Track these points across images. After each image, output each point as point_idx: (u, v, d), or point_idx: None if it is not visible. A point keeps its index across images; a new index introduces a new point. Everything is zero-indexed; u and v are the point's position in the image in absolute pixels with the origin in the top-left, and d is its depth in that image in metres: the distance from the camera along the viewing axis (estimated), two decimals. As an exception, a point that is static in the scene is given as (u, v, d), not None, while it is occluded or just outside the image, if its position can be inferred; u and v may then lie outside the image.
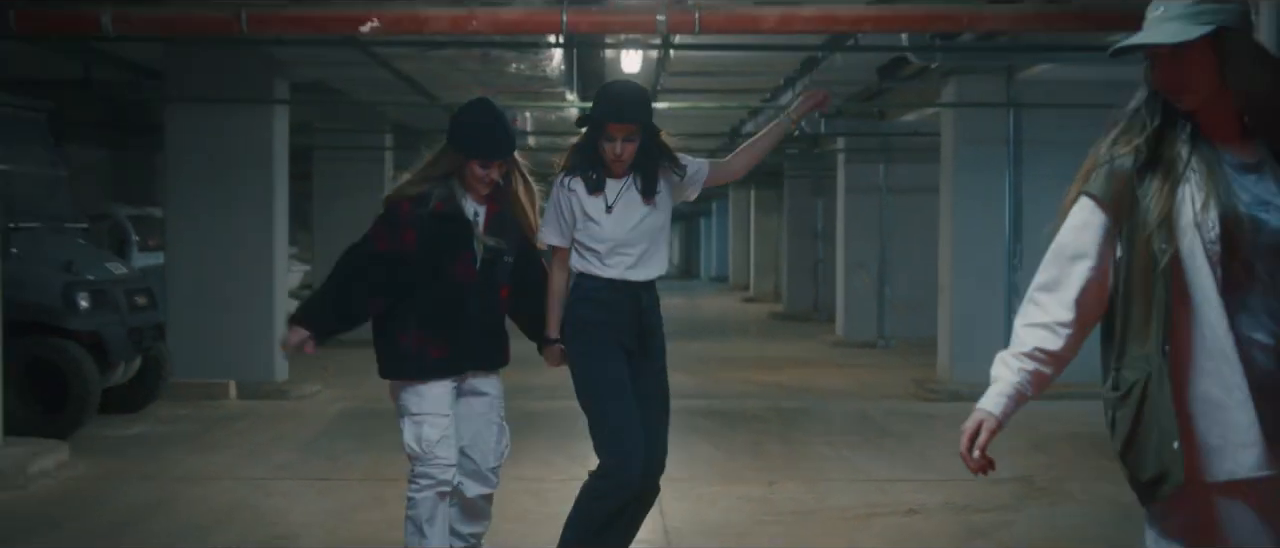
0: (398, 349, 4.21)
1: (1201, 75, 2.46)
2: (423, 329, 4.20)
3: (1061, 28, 7.91)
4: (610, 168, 4.29)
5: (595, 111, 4.30)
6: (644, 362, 4.32)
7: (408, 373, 4.21)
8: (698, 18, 7.50)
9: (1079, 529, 5.96)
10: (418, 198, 4.19)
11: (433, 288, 4.20)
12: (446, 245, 4.22)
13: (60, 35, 8.01)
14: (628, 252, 4.29)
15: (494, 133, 4.22)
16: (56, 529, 5.89)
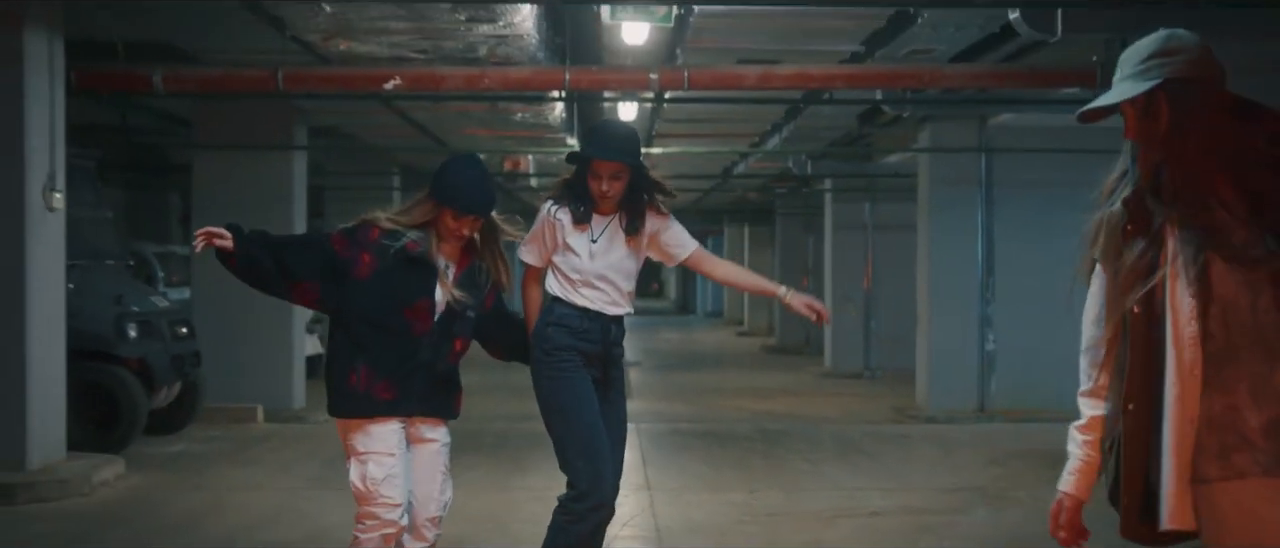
0: (346, 387, 4.16)
1: (1156, 128, 2.54)
2: (372, 369, 4.14)
3: (1014, 84, 8.93)
4: (598, 204, 4.42)
5: (584, 150, 4.44)
6: (606, 390, 4.48)
7: (355, 411, 4.16)
8: (687, 76, 8.53)
9: (1017, 527, 6.89)
10: (390, 231, 4.16)
11: (385, 329, 4.15)
12: (407, 288, 4.16)
13: (115, 92, 8.97)
14: (603, 286, 4.42)
15: (475, 188, 4.21)
16: (126, 527, 6.82)
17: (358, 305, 4.13)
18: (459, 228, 4.19)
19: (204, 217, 12.09)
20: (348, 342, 4.16)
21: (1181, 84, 2.53)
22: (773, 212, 22.88)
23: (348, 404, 4.16)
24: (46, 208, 7.69)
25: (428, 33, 7.72)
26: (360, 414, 4.13)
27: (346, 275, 4.11)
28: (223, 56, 9.28)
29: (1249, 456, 2.46)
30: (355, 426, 4.14)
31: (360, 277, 4.11)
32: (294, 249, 4.18)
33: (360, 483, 4.12)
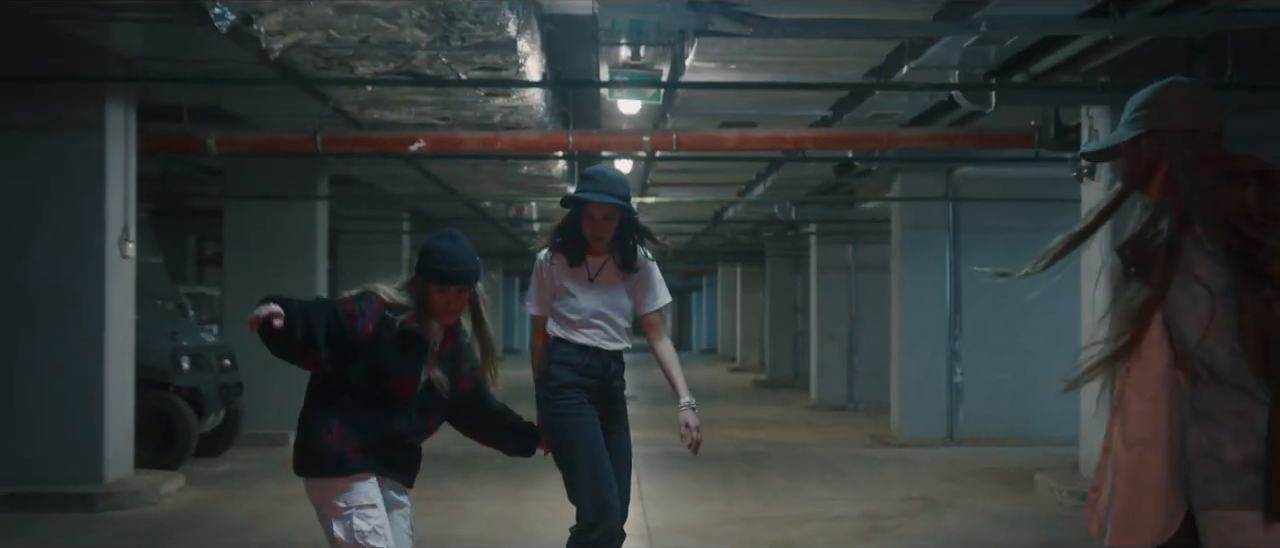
0: (320, 447, 4.12)
1: (1145, 173, 2.72)
2: (346, 431, 4.13)
3: (963, 145, 10.30)
4: (591, 245, 4.73)
5: (579, 194, 4.73)
6: (611, 423, 4.78)
7: (333, 470, 4.12)
8: (675, 138, 9.89)
9: (955, 528, 8.19)
10: (393, 305, 4.17)
11: (370, 399, 4.15)
12: (398, 362, 4.17)
13: (173, 153, 10.31)
14: (599, 323, 4.74)
15: (453, 260, 4.24)
16: (196, 530, 8.10)
17: (350, 373, 4.12)
18: (444, 301, 4.21)
19: (236, 260, 13.46)
20: (326, 404, 4.14)
21: (1169, 133, 2.68)
22: (763, 253, 24.23)
23: (324, 464, 4.11)
24: (121, 256, 9.01)
25: (449, 104, 9.05)
26: (338, 473, 4.10)
27: (347, 343, 4.09)
28: (265, 120, 10.63)
29: (1224, 487, 2.62)
30: (333, 484, 4.11)
31: (358, 346, 4.10)
32: (314, 317, 4.09)
33: (346, 538, 4.10)
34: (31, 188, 8.69)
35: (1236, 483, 2.61)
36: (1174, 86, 2.75)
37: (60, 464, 8.65)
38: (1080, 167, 9.24)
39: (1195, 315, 2.65)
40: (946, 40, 7.69)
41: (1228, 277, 2.64)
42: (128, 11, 7.49)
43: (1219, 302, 2.64)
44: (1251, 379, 2.60)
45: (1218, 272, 2.65)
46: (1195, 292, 2.66)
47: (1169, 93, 2.75)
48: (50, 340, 8.70)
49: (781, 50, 8.04)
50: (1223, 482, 2.63)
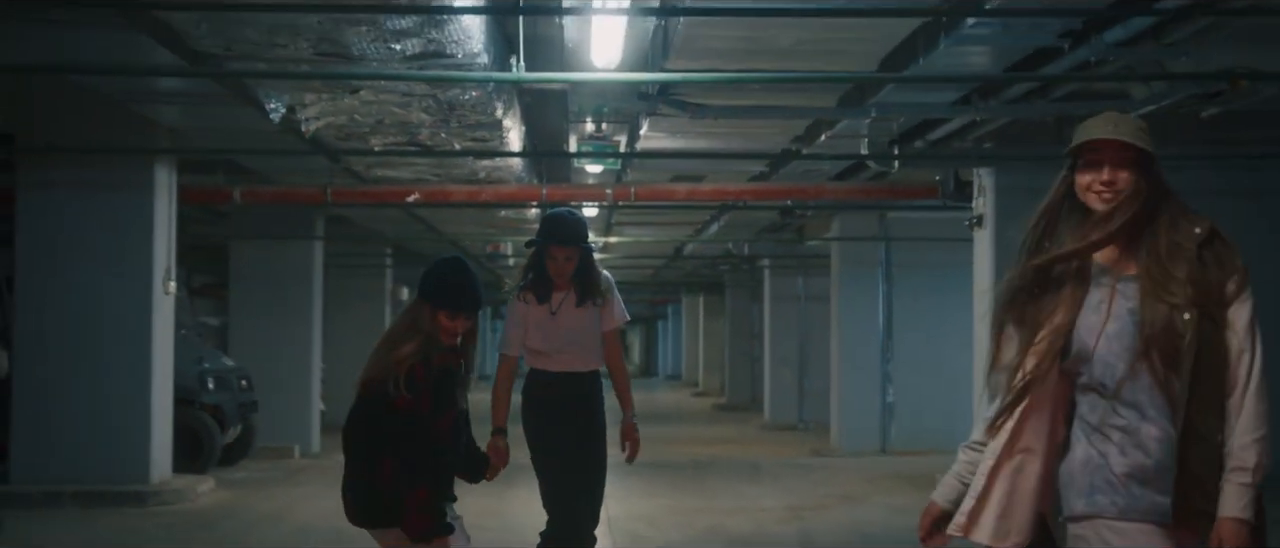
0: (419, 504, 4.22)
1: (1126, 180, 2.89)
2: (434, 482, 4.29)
3: (877, 196, 12.31)
4: (554, 282, 5.39)
5: (541, 236, 5.41)
6: (587, 439, 5.41)
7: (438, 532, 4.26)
8: (633, 191, 11.85)
9: (864, 516, 10.14)
10: (425, 359, 4.27)
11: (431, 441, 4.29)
12: (445, 401, 4.33)
13: (202, 204, 12.18)
14: (570, 349, 5.42)
15: (470, 290, 4.40)
16: (232, 521, 9.94)
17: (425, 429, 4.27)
18: (454, 328, 4.35)
19: (241, 294, 15.31)
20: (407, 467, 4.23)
21: (1151, 158, 2.91)
22: (723, 284, 26.24)
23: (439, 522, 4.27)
24: (164, 293, 10.88)
25: (442, 165, 10.96)
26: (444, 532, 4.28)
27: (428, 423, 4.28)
28: (278, 174, 12.52)
29: (1109, 497, 2.84)
30: (443, 540, 4.28)
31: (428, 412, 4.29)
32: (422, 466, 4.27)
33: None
34: (93, 234, 10.54)
35: (1121, 495, 2.83)
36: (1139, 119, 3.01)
37: (114, 467, 10.48)
38: (971, 219, 11.25)
39: (1097, 332, 2.88)
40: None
41: (1132, 294, 2.88)
42: (182, 98, 9.40)
43: (1117, 320, 2.88)
44: (1144, 394, 2.84)
45: (1122, 290, 2.90)
46: (1100, 310, 2.89)
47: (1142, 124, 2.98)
48: (106, 362, 10.54)
49: (719, 124, 10.01)
50: (1107, 493, 2.84)
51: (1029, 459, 2.91)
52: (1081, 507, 2.88)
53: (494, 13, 6.51)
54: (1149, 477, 2.83)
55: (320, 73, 6.61)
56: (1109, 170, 2.90)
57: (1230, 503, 2.78)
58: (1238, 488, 2.80)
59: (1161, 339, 2.83)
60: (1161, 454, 2.83)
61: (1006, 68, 7.99)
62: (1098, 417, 2.90)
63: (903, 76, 7.30)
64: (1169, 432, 2.83)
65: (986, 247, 11.03)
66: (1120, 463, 2.85)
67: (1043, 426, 2.91)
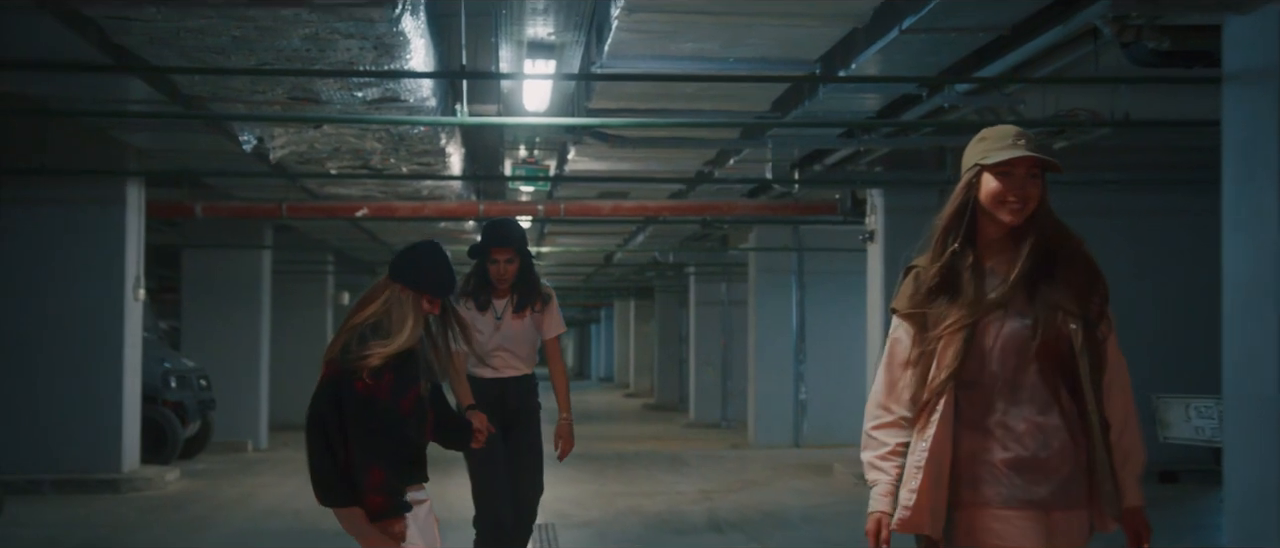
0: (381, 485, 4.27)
1: (1035, 194, 3.10)
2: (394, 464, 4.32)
3: (784, 213, 13.79)
4: (495, 285, 5.67)
5: (482, 241, 5.72)
6: (517, 430, 5.83)
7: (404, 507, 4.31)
8: (563, 207, 13.23)
9: (766, 497, 11.59)
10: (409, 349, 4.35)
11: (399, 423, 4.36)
12: (407, 381, 4.38)
13: (164, 217, 13.38)
14: (502, 354, 5.75)
15: (450, 274, 4.49)
16: (199, 505, 11.18)
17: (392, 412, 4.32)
18: (432, 310, 4.42)
19: (194, 302, 16.48)
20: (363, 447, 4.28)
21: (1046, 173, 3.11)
22: (653, 289, 27.68)
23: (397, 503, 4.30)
24: (134, 299, 12.09)
25: (389, 184, 12.29)
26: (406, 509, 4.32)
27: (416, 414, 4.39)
28: (235, 189, 13.74)
29: (993, 488, 3.07)
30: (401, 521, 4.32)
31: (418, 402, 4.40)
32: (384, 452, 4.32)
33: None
34: (70, 246, 11.73)
35: (1003, 485, 3.06)
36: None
37: (89, 457, 11.67)
38: (864, 234, 12.75)
39: (992, 333, 3.09)
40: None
41: (1022, 299, 3.09)
42: (153, 124, 10.62)
43: (1010, 322, 3.09)
44: (1026, 393, 3.07)
45: (1014, 294, 3.10)
46: (994, 312, 3.09)
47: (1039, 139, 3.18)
48: (83, 362, 11.73)
49: (638, 150, 11.42)
50: (993, 483, 3.07)
51: (944, 452, 3.10)
52: (968, 496, 3.10)
53: (446, 77, 7.86)
54: (1028, 468, 3.06)
55: (294, 116, 7.90)
56: (1020, 184, 3.08)
57: (1133, 493, 3.13)
58: (1136, 479, 3.15)
59: (1051, 343, 3.07)
60: (1039, 448, 3.07)
61: (876, 113, 9.47)
62: (983, 412, 3.10)
63: (783, 121, 8.76)
64: (1048, 428, 3.08)
65: (878, 259, 12.55)
66: (1002, 455, 3.07)
67: (949, 419, 3.10)
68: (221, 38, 6.51)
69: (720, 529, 9.74)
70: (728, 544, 9.15)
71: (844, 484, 12.45)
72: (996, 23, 7.11)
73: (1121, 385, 3.16)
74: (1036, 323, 3.08)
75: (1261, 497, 6.28)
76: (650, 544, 9.16)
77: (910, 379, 3.15)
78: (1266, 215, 6.20)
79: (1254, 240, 6.32)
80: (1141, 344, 9.62)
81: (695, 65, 7.79)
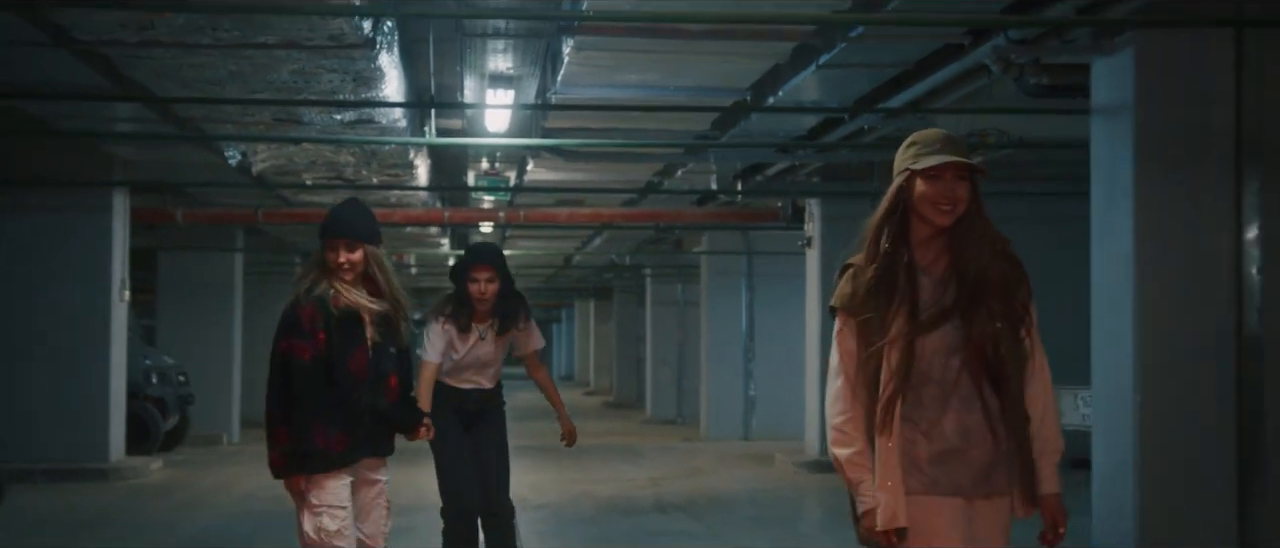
0: (302, 446, 4.49)
1: (963, 196, 3.24)
2: (323, 424, 4.49)
3: (731, 220, 14.88)
4: (475, 306, 5.80)
5: (462, 261, 5.95)
6: (481, 424, 6.07)
7: (311, 468, 4.49)
8: (523, 214, 14.26)
9: (709, 484, 12.64)
10: (317, 300, 4.50)
11: (334, 382, 4.52)
12: (346, 341, 4.52)
13: (146, 223, 14.28)
14: (474, 371, 5.98)
15: (340, 215, 4.68)
16: (182, 492, 12.12)
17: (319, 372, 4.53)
18: (335, 258, 4.59)
19: (169, 299, 17.37)
20: (298, 403, 4.51)
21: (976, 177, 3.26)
22: (612, 290, 28.71)
23: (303, 463, 4.52)
24: (120, 300, 13.00)
25: (359, 192, 13.24)
26: (315, 471, 4.52)
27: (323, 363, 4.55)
28: (215, 197, 14.65)
29: (917, 478, 3.26)
30: (309, 480, 4.53)
31: (323, 352, 4.53)
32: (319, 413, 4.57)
33: (314, 534, 4.57)
34: (61, 251, 12.64)
35: (926, 474, 3.25)
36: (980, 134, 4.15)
37: (78, 448, 12.59)
38: (803, 240, 13.83)
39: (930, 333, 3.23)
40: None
41: (951, 297, 3.23)
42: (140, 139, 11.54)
43: (940, 321, 3.23)
44: (951, 389, 3.23)
45: (943, 294, 3.24)
46: (926, 310, 3.24)
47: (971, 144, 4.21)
48: (73, 358, 12.64)
49: (591, 163, 12.45)
50: (915, 473, 3.25)
51: (900, 449, 3.27)
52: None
53: (416, 106, 8.86)
54: (949, 459, 3.26)
55: (278, 136, 8.87)
56: (949, 187, 3.23)
57: (1050, 480, 3.32)
58: (1053, 468, 3.33)
59: (978, 342, 3.24)
60: (959, 440, 3.26)
61: (809, 132, 10.54)
62: (911, 409, 3.26)
63: (718, 143, 9.79)
64: (972, 422, 3.27)
65: (815, 263, 13.63)
66: (926, 449, 3.26)
67: (895, 417, 3.26)
68: (220, 72, 7.48)
69: (665, 511, 10.79)
70: (671, 523, 10.19)
71: (783, 473, 13.51)
72: (901, 60, 8.17)
73: (1042, 380, 3.34)
74: (966, 324, 3.25)
75: (1121, 472, 7.34)
76: (600, 524, 10.18)
77: (864, 377, 3.29)
78: (1123, 230, 7.27)
79: (1115, 251, 7.39)
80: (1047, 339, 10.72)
81: (640, 93, 8.82)
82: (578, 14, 6.84)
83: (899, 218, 3.28)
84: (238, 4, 5.90)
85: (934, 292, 3.29)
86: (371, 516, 4.83)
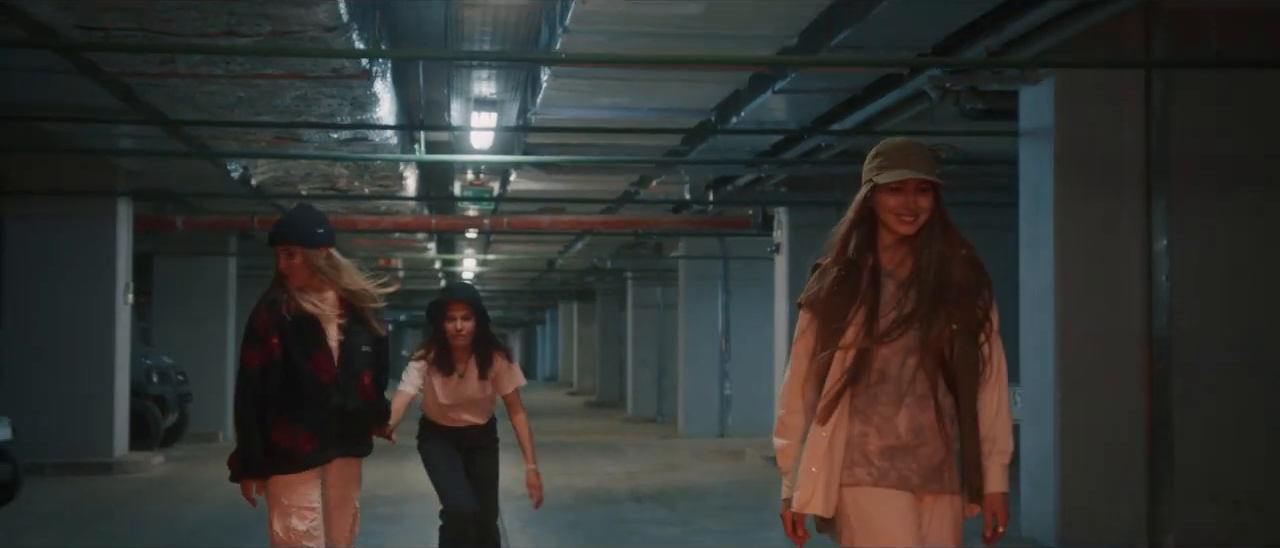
0: (270, 447, 4.60)
1: (925, 206, 3.36)
2: (292, 425, 4.57)
3: (704, 227, 15.73)
4: (452, 343, 5.85)
5: (438, 300, 5.98)
6: (474, 457, 6.16)
7: (281, 469, 4.58)
8: (506, 222, 15.08)
9: (680, 477, 13.47)
10: (269, 305, 4.60)
11: (298, 384, 4.58)
12: (304, 347, 4.59)
13: (147, 229, 15.07)
14: (460, 411, 6.03)
15: (279, 223, 4.74)
16: (183, 485, 12.90)
17: (282, 376, 4.62)
18: (278, 265, 4.68)
19: (165, 304, 18.14)
20: (267, 406, 4.62)
21: (938, 187, 3.38)
22: (594, 293, 29.54)
23: (274, 464, 4.61)
24: (124, 303, 13.79)
25: (351, 202, 14.06)
26: (284, 471, 4.60)
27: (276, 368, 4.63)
28: (211, 203, 15.45)
29: (866, 470, 3.38)
30: (279, 481, 4.61)
31: (277, 357, 4.61)
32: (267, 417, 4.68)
33: (283, 534, 4.62)
34: (69, 256, 13.42)
35: (875, 467, 3.37)
36: (932, 150, 3.52)
37: (84, 443, 13.36)
38: (771, 246, 14.69)
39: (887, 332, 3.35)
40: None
41: (912, 300, 3.36)
42: (150, 152, 12.35)
43: (898, 322, 3.35)
44: (906, 387, 3.35)
45: (904, 296, 3.37)
46: (883, 310, 3.37)
47: (933, 154, 3.47)
48: (80, 358, 13.43)
49: (571, 173, 13.27)
50: (864, 466, 3.37)
51: (839, 440, 3.40)
52: (845, 477, 3.40)
53: (407, 129, 9.68)
54: (899, 454, 3.37)
55: (279, 153, 9.69)
56: (911, 198, 3.35)
57: (996, 480, 3.41)
58: (1001, 468, 3.42)
59: (935, 345, 3.35)
60: (910, 437, 3.37)
61: (773, 147, 11.39)
62: (865, 403, 3.38)
63: (686, 160, 10.64)
64: (924, 420, 3.37)
65: (783, 268, 14.48)
66: (876, 443, 3.37)
67: (846, 413, 3.39)
68: (229, 97, 8.29)
69: (639, 500, 11.62)
70: (644, 511, 11.01)
71: (754, 466, 14.35)
72: (850, 86, 9.02)
73: (997, 380, 3.44)
74: (925, 326, 3.36)
75: (1044, 462, 8.19)
76: (578, 512, 10.99)
77: (815, 372, 3.42)
78: (1046, 241, 8.12)
79: (1040, 259, 8.25)
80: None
81: (613, 114, 9.67)
82: (552, 57, 7.67)
83: (865, 225, 3.43)
84: (261, 49, 6.68)
85: (896, 294, 3.40)
86: (340, 519, 4.87)
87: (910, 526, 3.36)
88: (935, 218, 3.40)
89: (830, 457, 3.39)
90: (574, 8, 6.88)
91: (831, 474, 3.38)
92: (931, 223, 3.40)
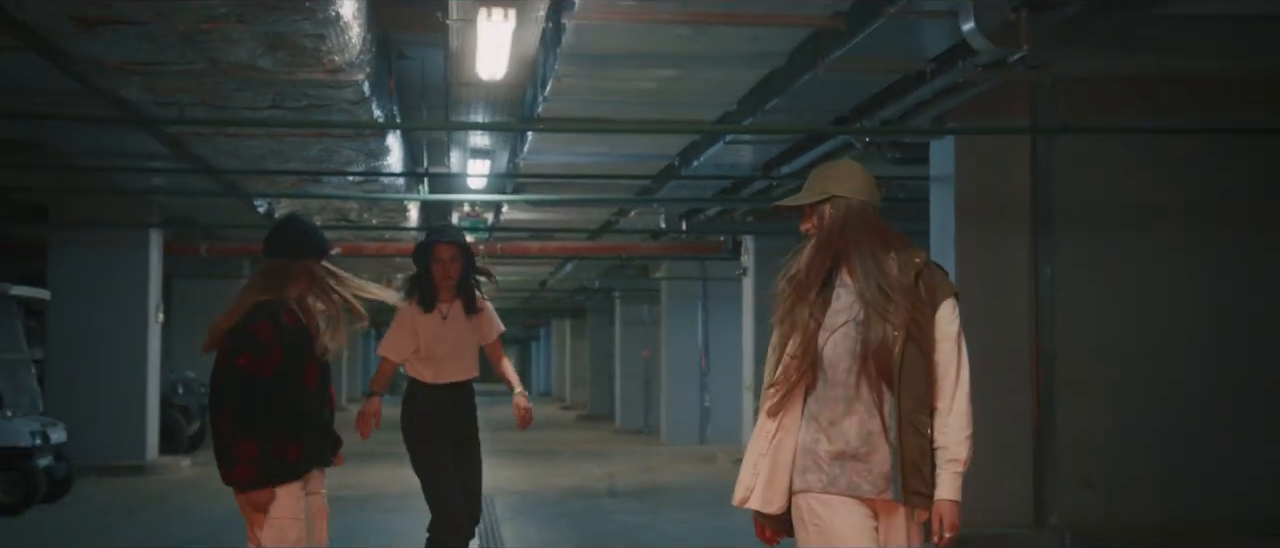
0: (261, 458, 4.62)
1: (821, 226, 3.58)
2: (281, 437, 4.64)
3: (683, 252, 17.44)
4: (439, 285, 5.83)
5: (424, 242, 5.95)
6: (463, 442, 6.06)
7: (273, 480, 4.63)
8: (500, 247, 16.81)
9: (654, 478, 15.15)
10: (270, 317, 4.66)
11: (292, 395, 4.67)
12: (299, 356, 4.69)
13: (171, 253, 16.78)
14: (451, 359, 5.90)
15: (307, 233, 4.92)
16: (211, 484, 14.41)
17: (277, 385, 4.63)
18: (312, 273, 4.80)
19: (182, 323, 19.78)
20: (255, 417, 4.62)
21: (843, 199, 3.57)
22: (586, 310, 31.21)
23: (264, 475, 4.61)
24: (155, 322, 15.49)
25: (359, 231, 15.77)
26: (277, 482, 4.64)
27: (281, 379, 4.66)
28: (224, 228, 17.14)
29: (816, 475, 3.49)
30: (268, 492, 4.64)
31: (281, 367, 4.66)
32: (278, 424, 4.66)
33: (274, 545, 4.70)
34: (106, 280, 15.12)
35: (825, 472, 3.51)
36: (853, 164, 3.72)
37: (120, 448, 15.03)
38: (739, 270, 16.39)
39: (828, 336, 3.53)
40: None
41: (858, 310, 3.52)
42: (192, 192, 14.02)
43: (846, 328, 3.52)
44: (854, 392, 3.48)
45: (851, 305, 3.54)
46: (835, 318, 3.54)
47: (848, 169, 3.69)
48: (116, 371, 15.10)
49: (557, 205, 14.97)
50: (815, 471, 3.52)
51: (786, 438, 3.52)
52: (798, 483, 3.51)
53: (410, 176, 11.43)
54: (848, 460, 3.47)
55: (303, 193, 11.39)
56: (808, 217, 3.65)
57: (947, 488, 3.45)
58: (953, 476, 3.46)
59: (877, 351, 3.44)
60: (859, 443, 3.47)
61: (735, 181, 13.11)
62: (817, 407, 3.50)
63: (653, 198, 12.35)
64: (869, 425, 3.47)
65: (749, 291, 16.17)
66: (826, 448, 3.47)
67: (796, 410, 3.51)
68: (264, 150, 9.98)
69: (615, 495, 13.30)
70: (619, 504, 12.70)
71: (723, 469, 16.03)
72: (786, 138, 10.74)
73: (955, 387, 3.51)
74: (865, 333, 3.48)
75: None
76: (560, 504, 12.67)
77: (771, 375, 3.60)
78: (949, 269, 9.71)
79: (945, 286, 9.89)
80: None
81: (590, 159, 11.41)
82: (533, 124, 9.40)
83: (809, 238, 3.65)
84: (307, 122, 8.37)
85: (846, 300, 3.55)
86: (320, 525, 4.97)
87: (864, 530, 3.46)
88: (835, 228, 3.56)
89: (774, 454, 3.55)
90: (552, 83, 8.59)
91: (774, 471, 3.54)
92: (834, 232, 3.56)
